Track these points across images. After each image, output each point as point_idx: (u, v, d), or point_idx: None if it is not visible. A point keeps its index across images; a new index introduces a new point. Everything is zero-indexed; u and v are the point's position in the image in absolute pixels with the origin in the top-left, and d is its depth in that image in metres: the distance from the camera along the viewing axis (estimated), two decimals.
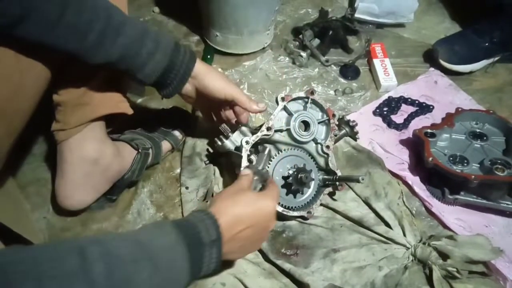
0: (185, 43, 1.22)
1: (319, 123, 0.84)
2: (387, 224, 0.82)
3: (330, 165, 0.83)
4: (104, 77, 0.73)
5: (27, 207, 0.85)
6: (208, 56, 1.16)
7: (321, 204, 0.86)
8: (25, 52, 0.59)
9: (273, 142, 0.83)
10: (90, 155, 0.75)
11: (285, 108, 0.82)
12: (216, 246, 0.54)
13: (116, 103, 0.76)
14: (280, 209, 0.80)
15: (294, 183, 0.77)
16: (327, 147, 0.83)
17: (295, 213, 0.81)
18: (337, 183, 0.81)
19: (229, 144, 0.82)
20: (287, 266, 0.76)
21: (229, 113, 0.85)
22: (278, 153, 0.80)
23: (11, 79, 0.58)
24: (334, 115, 0.84)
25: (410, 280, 0.76)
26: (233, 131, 0.83)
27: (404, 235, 0.80)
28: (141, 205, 0.87)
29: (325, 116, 0.84)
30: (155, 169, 0.93)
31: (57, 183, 0.78)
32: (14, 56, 0.58)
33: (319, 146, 0.83)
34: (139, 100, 1.04)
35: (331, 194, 0.88)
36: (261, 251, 0.80)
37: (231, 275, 0.75)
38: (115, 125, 0.85)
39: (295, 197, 0.81)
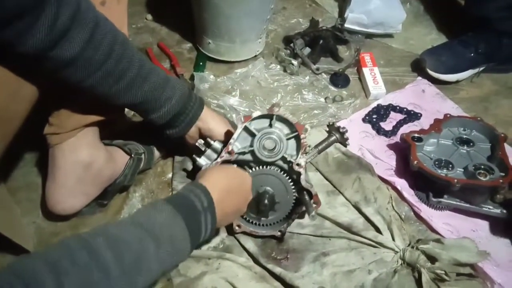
0: (178, 50, 1.23)
1: (288, 138, 0.77)
2: (377, 229, 0.84)
3: (303, 183, 0.76)
4: None
5: (18, 211, 0.84)
6: (201, 63, 1.17)
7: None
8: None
9: (243, 163, 0.80)
10: (83, 159, 0.75)
11: (246, 129, 0.78)
12: (210, 211, 0.59)
13: (111, 108, 0.77)
14: (248, 229, 0.81)
15: (256, 207, 0.76)
16: (298, 165, 0.75)
17: (265, 232, 0.80)
18: (310, 205, 0.75)
19: (202, 162, 0.80)
20: (277, 270, 0.76)
21: None
22: (250, 171, 0.77)
23: (9, 86, 0.59)
24: (306, 129, 0.77)
25: (400, 283, 0.77)
26: (208, 148, 0.81)
27: (393, 239, 0.81)
28: (132, 209, 0.87)
29: (294, 131, 0.77)
30: (146, 174, 0.93)
31: (48, 187, 0.78)
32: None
33: (290, 164, 0.76)
34: None
35: (301, 216, 0.84)
36: (251, 255, 0.80)
37: (223, 278, 0.75)
38: (108, 130, 0.85)
39: (262, 217, 0.79)
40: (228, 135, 0.81)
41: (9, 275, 0.38)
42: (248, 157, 0.78)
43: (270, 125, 0.78)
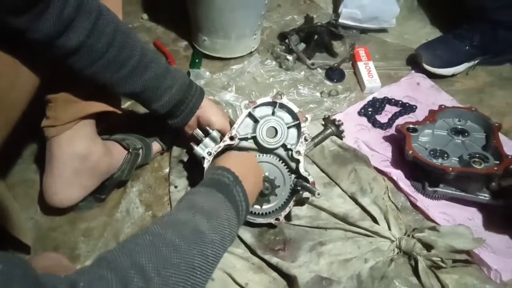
0: (174, 48, 1.24)
1: (289, 127, 0.80)
2: (374, 219, 0.84)
3: (301, 171, 0.78)
4: None
5: (17, 207, 0.85)
6: (197, 60, 1.18)
7: (307, 203, 0.87)
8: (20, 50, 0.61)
9: (243, 150, 0.81)
10: (79, 152, 0.76)
11: (250, 115, 0.80)
12: (238, 183, 0.62)
13: (107, 101, 0.77)
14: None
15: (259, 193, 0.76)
16: (298, 152, 0.79)
17: (262, 220, 0.80)
18: (311, 187, 0.77)
19: (200, 151, 0.81)
20: (274, 260, 0.77)
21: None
22: None
23: (8, 73, 0.60)
24: (306, 119, 0.80)
25: (396, 271, 0.77)
26: (205, 137, 0.83)
27: (389, 229, 0.82)
28: (130, 204, 0.87)
29: (295, 120, 0.80)
30: (144, 169, 0.93)
31: (45, 179, 0.78)
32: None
33: (290, 152, 0.80)
34: (129, 102, 1.05)
35: (300, 204, 0.86)
36: (249, 247, 0.81)
37: (220, 269, 0.75)
38: (106, 125, 0.85)
39: (261, 205, 0.80)
40: (230, 124, 0.82)
41: (96, 268, 0.41)
42: (249, 144, 0.81)
43: (273, 113, 0.80)
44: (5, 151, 0.85)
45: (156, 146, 0.94)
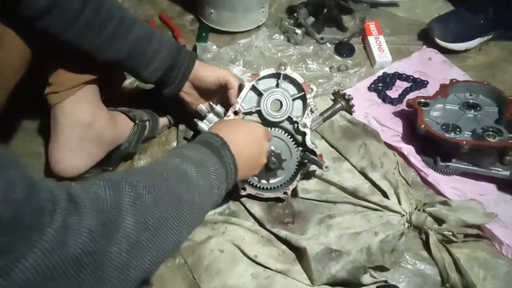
0: (180, 22, 1.21)
1: (294, 99, 0.77)
2: (384, 193, 0.83)
3: (308, 143, 0.76)
4: None
5: None
6: (203, 34, 1.15)
7: (314, 176, 0.86)
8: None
9: None
10: (83, 118, 0.75)
11: (253, 88, 0.77)
12: (226, 148, 0.60)
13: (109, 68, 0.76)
14: (253, 191, 0.79)
15: (265, 167, 0.74)
16: (304, 125, 0.76)
17: (270, 194, 0.79)
18: (318, 160, 0.75)
19: (204, 126, 0.79)
20: (283, 233, 0.76)
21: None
22: None
23: None
24: (311, 89, 0.77)
25: (407, 245, 0.77)
26: (209, 112, 0.81)
27: (400, 203, 0.81)
28: None
29: (300, 91, 0.77)
30: (151, 143, 0.92)
31: (50, 147, 0.77)
32: None
33: (296, 125, 0.77)
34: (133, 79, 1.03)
35: (307, 177, 0.85)
36: (258, 221, 0.80)
37: (229, 242, 0.75)
38: (110, 93, 0.84)
39: (268, 179, 0.79)
40: (240, 89, 0.79)
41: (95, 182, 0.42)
42: (253, 118, 0.78)
43: (277, 85, 0.77)
44: (10, 124, 0.84)
45: (163, 119, 0.93)
